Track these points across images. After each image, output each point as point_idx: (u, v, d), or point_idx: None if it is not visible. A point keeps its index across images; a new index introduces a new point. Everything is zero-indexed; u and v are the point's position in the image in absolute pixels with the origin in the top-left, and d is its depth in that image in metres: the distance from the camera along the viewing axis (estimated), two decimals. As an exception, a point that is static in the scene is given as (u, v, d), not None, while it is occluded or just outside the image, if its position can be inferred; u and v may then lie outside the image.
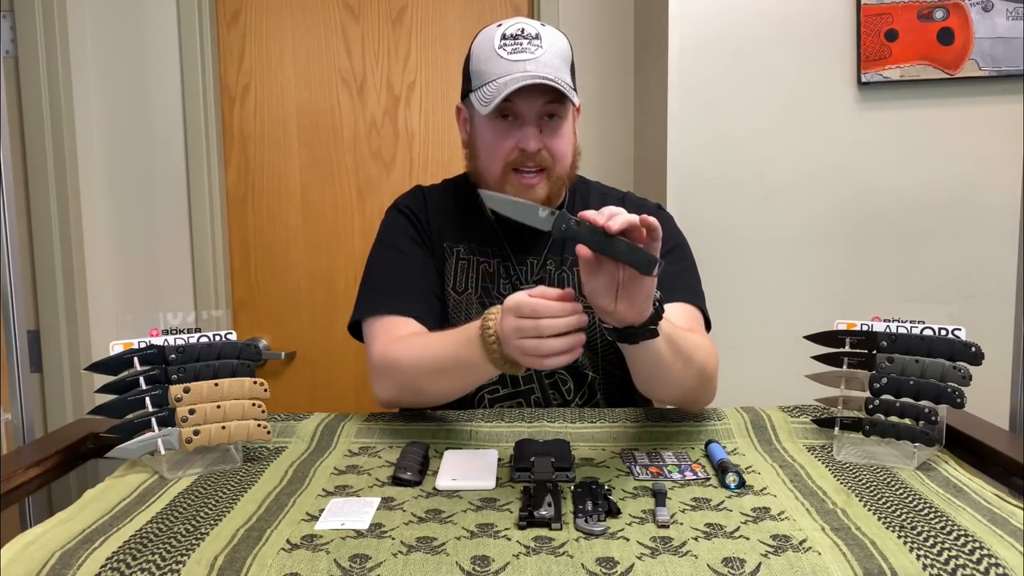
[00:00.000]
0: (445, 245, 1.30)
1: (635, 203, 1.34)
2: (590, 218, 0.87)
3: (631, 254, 0.86)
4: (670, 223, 1.31)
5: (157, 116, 2.12)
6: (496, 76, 1.16)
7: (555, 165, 1.21)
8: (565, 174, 1.24)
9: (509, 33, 1.17)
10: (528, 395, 1.28)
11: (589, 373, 1.29)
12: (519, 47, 1.16)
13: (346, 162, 2.19)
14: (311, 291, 2.21)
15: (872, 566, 0.71)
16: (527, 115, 1.17)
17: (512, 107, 1.17)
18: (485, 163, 1.23)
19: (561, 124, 1.20)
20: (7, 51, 1.98)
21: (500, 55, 1.16)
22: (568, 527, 0.80)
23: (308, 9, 2.16)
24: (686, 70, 1.73)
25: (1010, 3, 1.68)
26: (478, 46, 1.21)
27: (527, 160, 1.19)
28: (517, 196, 1.18)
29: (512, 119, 1.19)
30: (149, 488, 0.94)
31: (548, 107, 1.18)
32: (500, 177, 1.21)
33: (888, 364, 1.01)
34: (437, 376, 1.10)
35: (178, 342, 1.02)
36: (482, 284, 1.28)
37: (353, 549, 0.76)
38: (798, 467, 0.98)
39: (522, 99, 1.16)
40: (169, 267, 2.15)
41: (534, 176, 1.20)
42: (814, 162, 1.75)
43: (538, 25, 1.19)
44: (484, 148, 1.23)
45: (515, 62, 1.15)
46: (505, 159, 1.19)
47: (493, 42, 1.17)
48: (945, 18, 1.69)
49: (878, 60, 1.70)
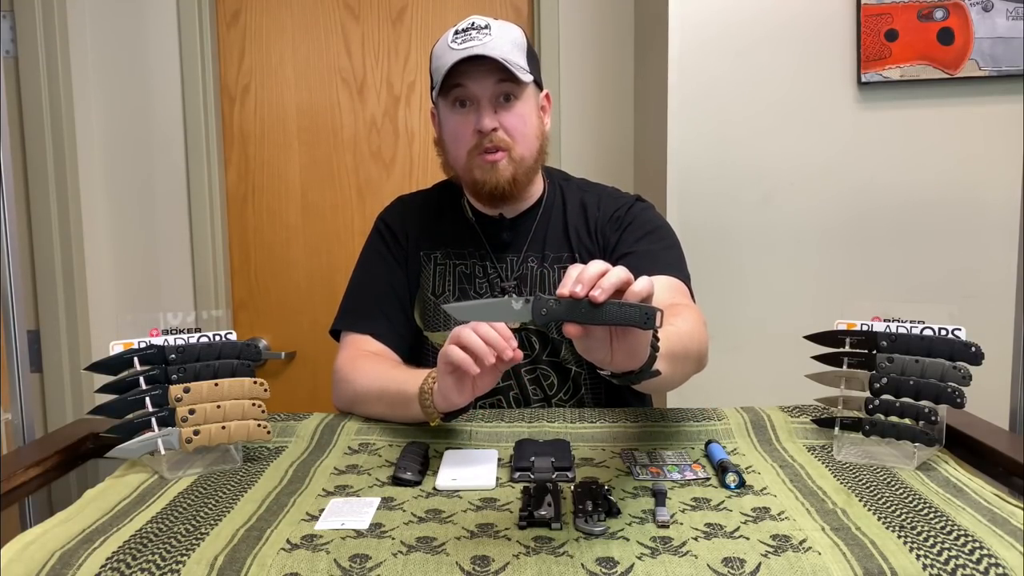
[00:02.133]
0: (421, 254, 1.33)
1: (612, 198, 1.34)
2: (569, 293, 0.76)
3: (624, 315, 0.76)
4: (648, 211, 1.33)
5: (157, 116, 2.12)
6: (447, 64, 1.19)
7: (515, 145, 1.23)
8: (530, 156, 1.26)
9: (460, 28, 1.21)
10: (507, 392, 1.29)
11: (572, 368, 1.30)
12: (468, 37, 1.19)
13: (346, 162, 2.19)
14: (311, 291, 2.21)
15: (872, 566, 0.71)
16: (481, 97, 1.20)
17: (465, 91, 1.21)
18: (452, 153, 1.27)
19: (516, 104, 1.22)
20: (7, 51, 1.98)
21: (451, 47, 1.20)
22: (568, 527, 0.80)
23: (308, 9, 2.16)
24: (686, 70, 1.73)
25: (1010, 3, 1.68)
26: (436, 46, 1.25)
27: (486, 141, 1.21)
28: (481, 177, 1.23)
29: (469, 105, 1.22)
30: (149, 488, 0.94)
31: (501, 87, 1.20)
32: (466, 163, 1.24)
33: (888, 364, 1.01)
34: (376, 404, 1.18)
35: (178, 342, 1.02)
36: (459, 286, 1.31)
37: (353, 549, 0.76)
38: (798, 467, 0.98)
39: (473, 81, 1.19)
40: (169, 267, 2.15)
41: (495, 154, 1.22)
42: (814, 162, 1.75)
43: (490, 19, 1.22)
44: (448, 139, 1.27)
45: (463, 49, 1.18)
46: (467, 145, 1.23)
47: (447, 39, 1.22)
48: (945, 18, 1.69)
49: (878, 60, 1.70)
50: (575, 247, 1.30)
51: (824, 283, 1.76)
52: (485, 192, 1.25)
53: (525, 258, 1.31)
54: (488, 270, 1.31)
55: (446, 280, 1.31)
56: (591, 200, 1.34)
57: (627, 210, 1.31)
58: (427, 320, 1.31)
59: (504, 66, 1.17)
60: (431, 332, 1.31)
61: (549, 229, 1.32)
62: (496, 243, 1.31)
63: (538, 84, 1.28)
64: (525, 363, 1.28)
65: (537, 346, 1.29)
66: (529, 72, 1.22)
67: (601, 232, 1.30)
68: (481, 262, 1.31)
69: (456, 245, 1.33)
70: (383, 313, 1.31)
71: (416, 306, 1.33)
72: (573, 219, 1.32)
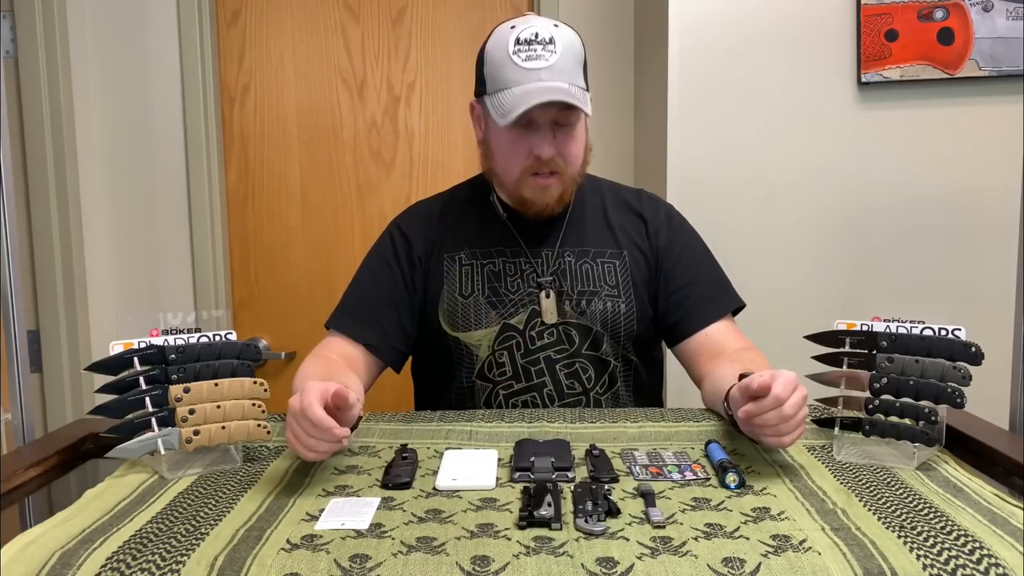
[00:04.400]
0: (445, 256, 1.32)
1: (649, 201, 1.38)
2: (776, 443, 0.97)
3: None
4: (687, 222, 1.39)
5: (157, 116, 2.12)
6: (511, 84, 1.17)
7: (568, 168, 1.24)
8: (577, 174, 1.28)
9: (523, 38, 1.17)
10: (540, 388, 1.29)
11: (611, 361, 1.30)
12: (533, 53, 1.16)
13: (346, 162, 2.19)
14: (311, 291, 2.21)
15: (872, 566, 0.71)
16: (541, 122, 1.20)
17: (526, 115, 1.17)
18: (502, 167, 1.27)
19: (574, 129, 1.23)
20: (7, 51, 1.98)
21: (515, 61, 1.17)
22: (568, 527, 0.80)
23: (308, 9, 2.16)
24: (686, 70, 1.73)
25: (1010, 3, 1.68)
26: (493, 48, 1.21)
27: (542, 166, 1.22)
28: (532, 197, 1.26)
29: (526, 125, 1.20)
30: (149, 488, 0.94)
31: (562, 115, 1.20)
32: (517, 180, 1.25)
33: (888, 364, 1.01)
34: None
35: (178, 342, 1.02)
36: (489, 285, 1.30)
37: (353, 549, 0.76)
38: (798, 467, 0.98)
39: (537, 111, 1.17)
40: (169, 267, 2.15)
41: (548, 178, 1.23)
42: (814, 162, 1.75)
43: (551, 26, 1.18)
44: (500, 154, 1.26)
45: (529, 70, 1.16)
46: (522, 166, 1.23)
47: (507, 47, 1.17)
48: (945, 18, 1.69)
49: (878, 60, 1.70)
50: (623, 243, 1.32)
51: (824, 283, 1.76)
52: (533, 211, 1.27)
53: (560, 253, 1.31)
54: (522, 265, 1.30)
55: (473, 279, 1.30)
56: (630, 197, 1.38)
57: (669, 220, 1.36)
58: (455, 321, 1.29)
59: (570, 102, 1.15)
60: (461, 332, 1.29)
61: (586, 224, 1.33)
62: (530, 239, 1.31)
63: None
64: (562, 357, 1.28)
65: (577, 339, 1.29)
66: (587, 91, 1.21)
67: (652, 236, 1.34)
68: (512, 259, 1.31)
69: (482, 244, 1.32)
70: (378, 320, 1.31)
71: (440, 309, 1.31)
72: (617, 216, 1.34)
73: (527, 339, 1.28)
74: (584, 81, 1.21)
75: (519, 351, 1.28)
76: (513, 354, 1.28)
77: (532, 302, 1.28)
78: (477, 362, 1.29)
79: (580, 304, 1.29)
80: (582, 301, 1.29)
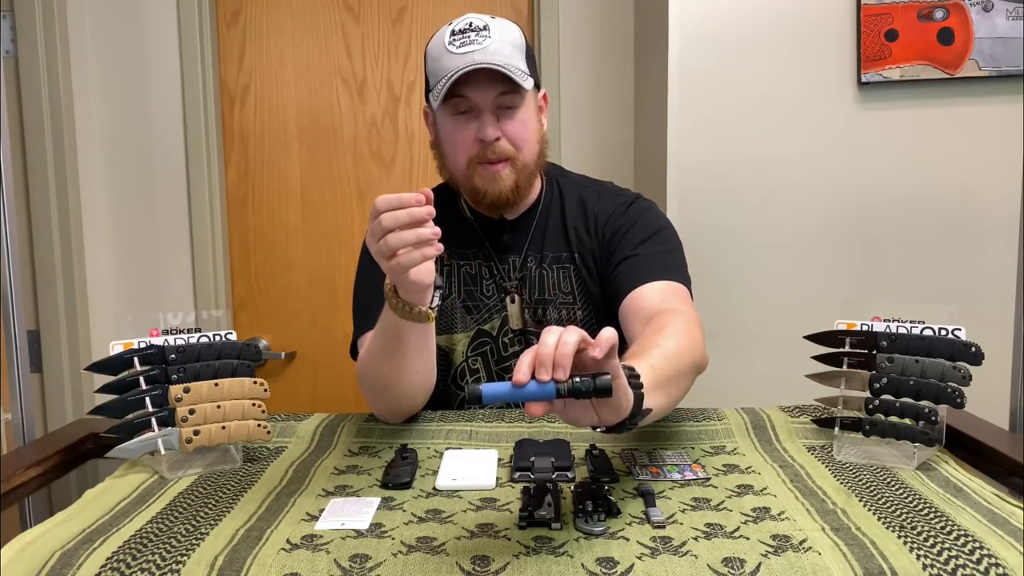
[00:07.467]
0: None
1: (610, 195, 1.33)
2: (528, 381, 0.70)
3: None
4: (650, 211, 1.31)
5: (157, 116, 2.12)
6: (447, 71, 1.16)
7: (518, 153, 1.21)
8: (532, 162, 1.24)
9: (458, 28, 1.18)
10: None
11: None
12: (467, 39, 1.16)
13: (346, 162, 2.19)
14: (311, 291, 2.21)
15: (872, 566, 0.71)
16: (482, 105, 1.18)
17: (467, 100, 1.17)
18: (451, 159, 1.24)
19: (518, 111, 1.20)
20: (7, 51, 1.98)
21: (449, 50, 1.17)
22: (568, 527, 0.80)
23: (308, 9, 2.16)
24: (686, 69, 1.73)
25: (1010, 3, 1.68)
26: (431, 46, 1.22)
27: (489, 152, 1.19)
28: (483, 186, 1.21)
29: (469, 112, 1.19)
30: (149, 488, 0.94)
31: (503, 98, 1.18)
32: (466, 171, 1.22)
33: (888, 364, 1.01)
34: (384, 360, 1.08)
35: (178, 342, 1.02)
36: (464, 287, 1.30)
37: (353, 549, 0.76)
38: (798, 467, 0.98)
39: (474, 90, 1.16)
40: (169, 267, 2.15)
41: (498, 164, 1.20)
42: (814, 162, 1.75)
43: (487, 18, 1.19)
44: (447, 145, 1.24)
45: (463, 54, 1.16)
46: (468, 153, 1.20)
47: (444, 40, 1.18)
48: (945, 18, 1.69)
49: (878, 60, 1.70)
50: (574, 246, 1.29)
51: (824, 283, 1.76)
52: (487, 201, 1.24)
53: (526, 259, 1.30)
54: (493, 270, 1.30)
55: (451, 281, 1.30)
56: (590, 197, 1.32)
57: (627, 209, 1.29)
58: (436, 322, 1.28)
59: (506, 75, 1.15)
60: (440, 334, 1.27)
61: (548, 229, 1.31)
62: (496, 244, 1.30)
63: (536, 85, 1.26)
64: None
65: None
66: (530, 76, 1.19)
67: (600, 231, 1.29)
68: (486, 262, 1.30)
69: (459, 246, 1.31)
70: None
71: None
72: (572, 217, 1.31)
73: (500, 345, 1.28)
74: (526, 66, 1.20)
75: (492, 357, 1.28)
76: (488, 360, 1.28)
77: (504, 308, 1.28)
78: (452, 367, 1.29)
79: (537, 312, 1.27)
80: (538, 309, 1.27)
